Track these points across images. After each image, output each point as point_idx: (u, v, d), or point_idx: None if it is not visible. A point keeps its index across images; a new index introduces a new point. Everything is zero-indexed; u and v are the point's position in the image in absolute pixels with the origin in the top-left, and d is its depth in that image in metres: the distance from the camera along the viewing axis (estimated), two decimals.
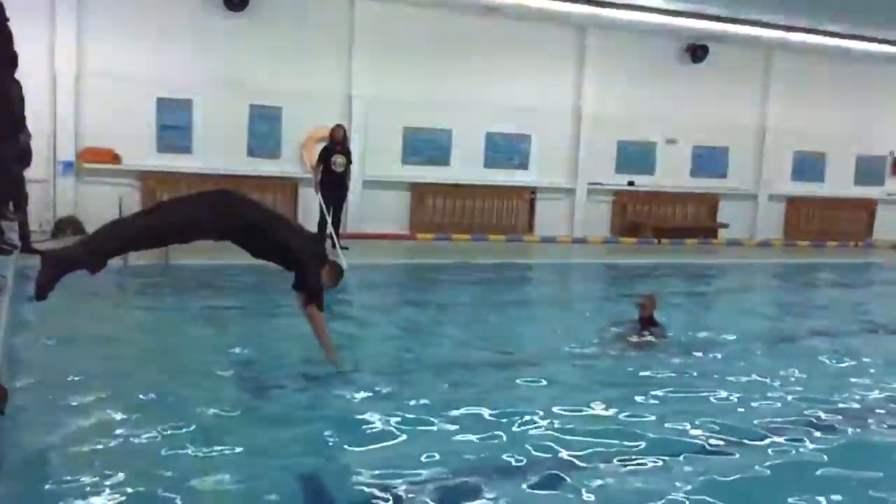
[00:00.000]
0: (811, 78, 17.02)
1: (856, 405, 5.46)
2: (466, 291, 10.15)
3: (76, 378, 5.12)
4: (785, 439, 4.65)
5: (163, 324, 7.47)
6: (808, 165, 17.77)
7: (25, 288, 8.03)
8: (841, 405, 5.43)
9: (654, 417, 4.93)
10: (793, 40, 16.20)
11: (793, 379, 6.02)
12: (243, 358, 5.97)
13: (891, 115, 17.99)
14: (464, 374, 5.74)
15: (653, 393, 5.44)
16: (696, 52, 16.14)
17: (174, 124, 13.11)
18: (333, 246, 11.57)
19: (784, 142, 17.24)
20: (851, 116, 17.51)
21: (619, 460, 4.19)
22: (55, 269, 4.24)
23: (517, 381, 5.66)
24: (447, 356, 6.29)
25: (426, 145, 14.81)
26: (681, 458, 4.27)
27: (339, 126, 12.45)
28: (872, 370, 6.44)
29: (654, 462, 4.20)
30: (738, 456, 4.34)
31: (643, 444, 4.44)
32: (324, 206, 11.90)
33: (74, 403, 4.64)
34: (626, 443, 4.45)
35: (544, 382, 5.61)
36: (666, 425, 4.79)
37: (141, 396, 4.83)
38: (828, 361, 6.76)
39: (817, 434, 4.76)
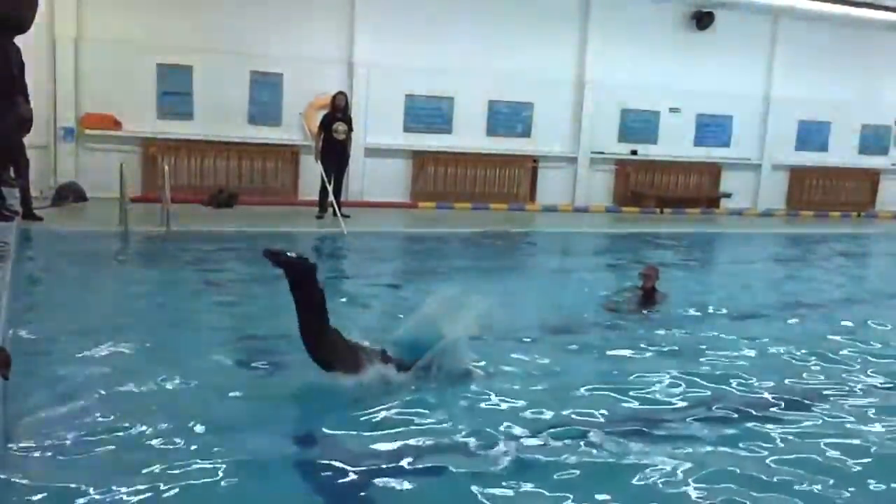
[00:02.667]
0: (817, 46, 16.83)
1: (855, 374, 5.49)
2: (466, 260, 10.14)
3: (78, 340, 5.16)
4: (781, 408, 4.69)
5: (165, 287, 7.49)
6: (813, 135, 17.65)
7: (27, 253, 8.08)
8: (836, 374, 5.47)
9: (653, 384, 4.96)
10: (799, 7, 16.02)
11: (791, 349, 6.04)
12: (243, 322, 5.98)
13: None
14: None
15: (653, 361, 5.48)
16: (702, 19, 15.95)
17: (175, 90, 13.02)
18: (335, 214, 11.57)
19: (788, 111, 17.10)
20: (857, 85, 17.35)
21: (616, 426, 4.23)
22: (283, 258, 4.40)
23: (517, 349, 5.68)
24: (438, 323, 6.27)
25: (428, 113, 14.71)
26: (678, 424, 4.31)
27: (340, 93, 12.35)
28: (871, 341, 6.47)
29: (654, 427, 4.24)
30: (732, 423, 4.37)
31: (642, 410, 4.48)
32: (325, 174, 11.86)
33: (75, 366, 4.69)
34: (623, 409, 4.49)
35: (543, 351, 5.63)
36: (664, 392, 4.83)
37: (140, 358, 4.88)
38: (826, 331, 6.79)
39: (814, 404, 4.80)
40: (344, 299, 6.77)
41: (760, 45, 16.75)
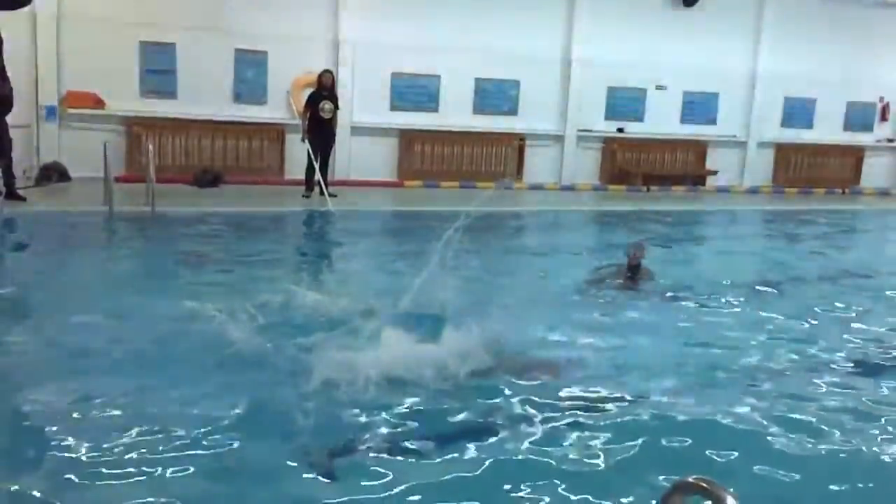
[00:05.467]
0: (803, 23, 16.84)
1: (835, 349, 5.55)
2: (454, 239, 10.12)
3: (61, 319, 5.14)
4: (767, 384, 4.73)
5: (149, 267, 7.46)
6: (798, 112, 17.70)
7: (11, 233, 8.03)
8: (820, 349, 5.53)
9: (639, 361, 4.99)
10: None
11: (775, 324, 6.10)
12: (228, 301, 5.94)
13: (881, 61, 17.85)
14: (447, 319, 5.73)
15: (638, 336, 5.51)
16: None
17: (158, 68, 12.89)
18: (321, 192, 11.55)
19: (774, 88, 17.14)
20: (842, 62, 17.38)
21: (606, 400, 4.27)
22: None
23: (504, 326, 5.68)
24: (431, 301, 6.29)
25: (414, 91, 14.65)
26: (661, 399, 4.35)
27: (327, 72, 12.29)
28: (852, 316, 6.54)
29: (637, 402, 4.28)
30: (718, 399, 4.42)
31: (629, 387, 4.51)
32: (311, 153, 11.82)
33: (58, 344, 4.69)
34: (613, 385, 4.52)
35: (531, 327, 5.65)
36: (649, 369, 4.86)
37: (125, 338, 4.86)
38: (810, 307, 6.84)
39: (799, 378, 4.85)
40: (332, 278, 6.76)
41: (747, 22, 16.74)
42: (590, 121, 15.91)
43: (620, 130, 16.18)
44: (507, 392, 4.32)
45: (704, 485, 1.70)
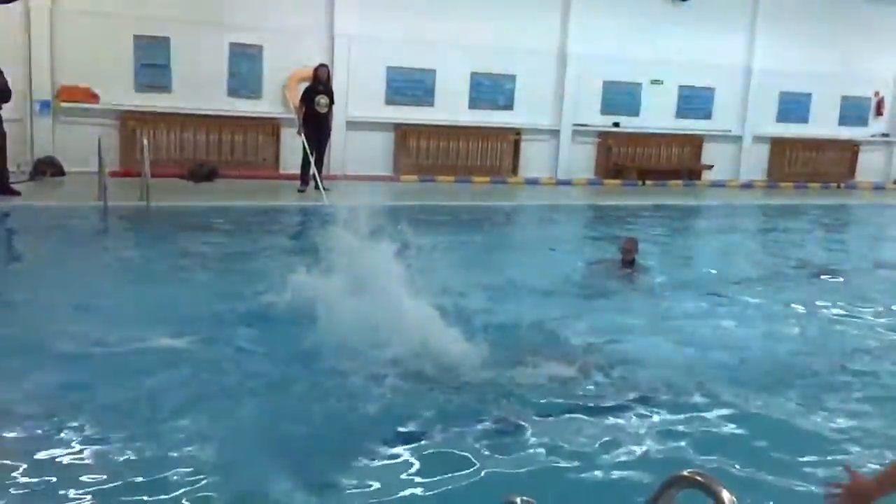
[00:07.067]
0: (798, 17, 16.82)
1: (833, 344, 5.56)
2: (449, 233, 10.12)
3: (54, 313, 5.13)
4: (766, 379, 4.74)
5: (144, 262, 7.44)
6: (794, 106, 17.70)
7: (5, 228, 8.00)
8: (818, 343, 5.53)
9: (632, 355, 5.00)
10: None
11: (772, 318, 6.11)
12: (224, 296, 5.94)
13: (876, 56, 17.86)
14: (447, 315, 5.73)
15: (635, 332, 5.51)
16: None
17: (152, 62, 12.82)
18: (316, 187, 11.52)
19: (770, 82, 17.13)
20: (837, 57, 17.38)
21: (605, 397, 4.28)
22: None
23: (501, 320, 5.70)
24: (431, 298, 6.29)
25: (410, 86, 14.60)
26: (659, 395, 4.35)
27: (322, 66, 12.25)
28: (850, 309, 6.55)
29: (634, 399, 4.28)
30: (717, 395, 4.42)
31: (626, 383, 4.52)
32: (307, 147, 11.78)
33: (51, 338, 4.67)
34: (611, 381, 4.52)
35: (526, 321, 5.65)
36: (643, 363, 4.87)
37: (119, 332, 4.85)
38: (807, 301, 6.86)
39: (798, 373, 4.86)
40: (330, 274, 6.73)
41: (742, 16, 16.73)
42: (585, 115, 15.88)
43: (616, 125, 16.16)
44: (505, 389, 4.31)
45: (699, 478, 1.71)
